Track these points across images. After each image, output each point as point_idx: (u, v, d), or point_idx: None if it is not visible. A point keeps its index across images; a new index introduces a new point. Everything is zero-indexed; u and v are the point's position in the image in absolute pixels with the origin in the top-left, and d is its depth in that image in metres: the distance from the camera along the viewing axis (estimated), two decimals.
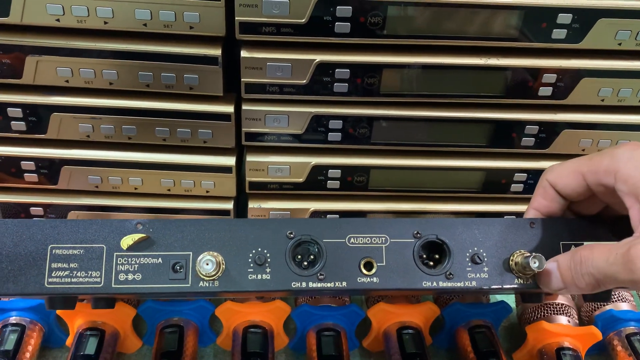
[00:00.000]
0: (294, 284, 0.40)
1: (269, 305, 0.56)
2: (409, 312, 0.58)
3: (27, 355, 0.53)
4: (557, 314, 0.57)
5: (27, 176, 0.55)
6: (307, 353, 0.56)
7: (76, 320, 0.56)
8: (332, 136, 0.54)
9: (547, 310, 0.58)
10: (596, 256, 0.37)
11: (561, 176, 0.41)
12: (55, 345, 0.59)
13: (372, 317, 0.58)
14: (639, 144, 0.38)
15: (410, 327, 0.57)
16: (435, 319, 0.59)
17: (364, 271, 0.40)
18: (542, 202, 0.42)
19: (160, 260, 0.39)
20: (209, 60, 0.49)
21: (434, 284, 0.40)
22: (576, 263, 0.38)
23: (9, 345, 0.53)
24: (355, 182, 0.57)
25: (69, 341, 0.56)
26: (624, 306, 0.59)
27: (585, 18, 0.48)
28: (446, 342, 0.61)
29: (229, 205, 0.58)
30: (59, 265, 0.39)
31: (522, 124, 0.55)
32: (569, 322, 0.57)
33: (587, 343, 0.56)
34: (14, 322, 0.55)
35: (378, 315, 0.58)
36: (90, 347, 0.53)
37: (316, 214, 0.59)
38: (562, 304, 0.58)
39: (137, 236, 0.39)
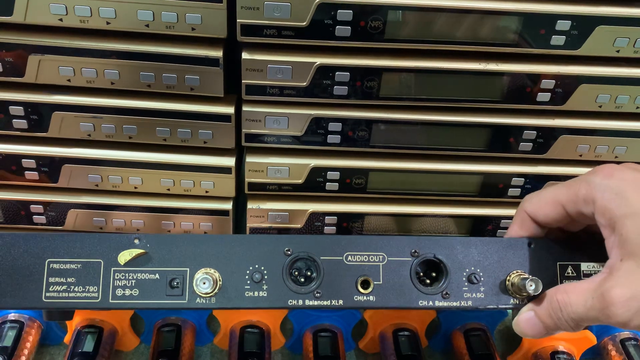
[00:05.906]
0: (290, 302, 0.40)
1: None
2: (405, 314, 0.58)
3: (25, 352, 0.53)
4: None
5: (28, 174, 0.55)
6: (304, 353, 0.57)
7: (74, 318, 0.56)
8: (331, 138, 0.55)
9: None
10: (573, 301, 0.37)
11: (540, 207, 0.41)
12: (54, 342, 0.59)
13: (368, 319, 0.58)
14: (614, 168, 0.37)
15: (406, 329, 0.57)
16: (431, 321, 0.59)
17: (361, 290, 0.40)
18: (519, 232, 0.42)
19: (157, 276, 0.39)
20: (210, 61, 0.50)
21: (430, 302, 0.40)
22: (555, 310, 0.37)
23: (7, 341, 0.53)
24: (354, 185, 0.58)
25: (67, 338, 0.56)
26: None
27: (584, 25, 0.49)
28: (442, 344, 0.61)
29: (228, 206, 0.59)
30: (57, 279, 0.39)
31: (520, 129, 0.55)
32: None
33: (581, 347, 0.57)
34: (13, 319, 0.55)
35: (374, 316, 0.58)
36: (88, 345, 0.53)
37: (315, 215, 0.59)
38: None
39: (134, 251, 0.39)
